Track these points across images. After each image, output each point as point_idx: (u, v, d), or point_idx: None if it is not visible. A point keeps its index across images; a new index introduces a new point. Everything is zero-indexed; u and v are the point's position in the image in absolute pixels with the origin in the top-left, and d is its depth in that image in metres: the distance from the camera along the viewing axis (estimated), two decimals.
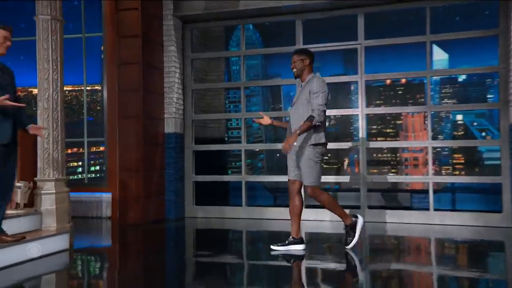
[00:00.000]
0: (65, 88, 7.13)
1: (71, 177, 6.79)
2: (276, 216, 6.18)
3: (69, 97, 6.94)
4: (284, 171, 4.44)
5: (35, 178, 4.36)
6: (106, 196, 6.24)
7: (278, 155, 8.15)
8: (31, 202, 4.35)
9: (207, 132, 7.82)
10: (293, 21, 6.21)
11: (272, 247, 4.20)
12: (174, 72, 6.31)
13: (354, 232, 4.14)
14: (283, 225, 5.51)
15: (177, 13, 6.32)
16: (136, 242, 5.36)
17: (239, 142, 8.78)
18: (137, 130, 5.75)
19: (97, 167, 6.67)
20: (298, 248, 4.16)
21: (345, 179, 6.59)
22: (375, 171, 8.93)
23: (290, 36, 6.30)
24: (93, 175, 6.65)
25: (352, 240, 4.14)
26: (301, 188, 4.17)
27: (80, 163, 6.68)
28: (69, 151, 6.79)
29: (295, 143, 3.85)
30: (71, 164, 6.80)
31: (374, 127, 9.11)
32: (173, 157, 6.24)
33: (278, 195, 8.13)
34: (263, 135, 8.77)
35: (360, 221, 4.16)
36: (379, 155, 9.12)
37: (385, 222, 5.75)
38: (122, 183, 5.80)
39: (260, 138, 8.86)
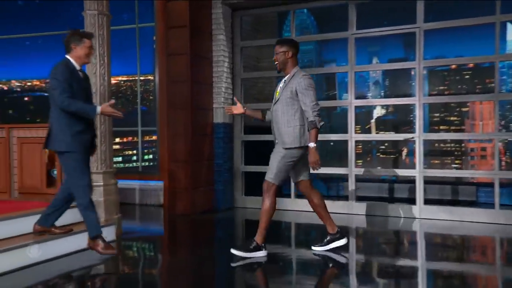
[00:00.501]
0: (120, 78, 7.36)
1: (126, 165, 7.00)
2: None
3: (124, 87, 7.06)
4: (336, 162, 4.21)
5: None
6: (159, 185, 6.33)
7: (332, 144, 7.71)
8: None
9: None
10: (345, 5, 5.81)
11: (313, 247, 3.97)
12: (222, 62, 6.18)
13: (252, 251, 3.70)
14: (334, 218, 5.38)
15: (226, 1, 6.15)
16: (184, 231, 5.38)
17: None
18: (186, 121, 5.71)
19: (150, 156, 6.77)
20: (342, 243, 3.91)
21: (402, 172, 6.13)
22: (436, 162, 8.33)
23: (345, 21, 5.92)
24: (147, 164, 6.76)
25: (243, 252, 3.71)
26: (311, 185, 3.93)
27: (134, 151, 6.80)
28: (125, 139, 6.97)
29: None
30: (127, 153, 6.96)
31: (437, 114, 8.44)
32: (221, 147, 6.16)
33: (332, 186, 7.84)
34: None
35: (262, 253, 3.73)
36: (441, 145, 8.44)
37: (442, 220, 5.33)
38: (171, 173, 5.82)
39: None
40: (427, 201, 5.59)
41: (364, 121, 8.71)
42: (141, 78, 6.83)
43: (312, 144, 3.55)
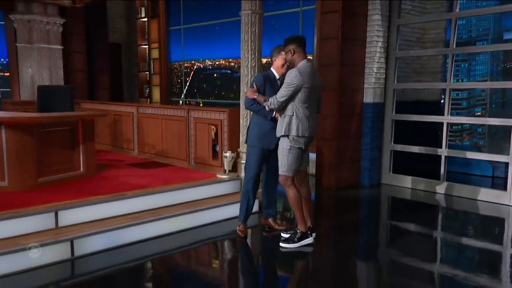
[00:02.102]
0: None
1: None
2: (474, 197, 5.48)
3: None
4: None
5: (237, 149, 5.01)
6: (312, 156, 6.69)
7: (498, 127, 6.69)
8: (235, 169, 5.05)
9: (421, 94, 7.21)
10: None
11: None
12: (376, 42, 6.00)
13: (298, 241, 3.75)
14: (490, 208, 5.19)
15: None
16: (326, 203, 5.71)
17: (459, 104, 7.74)
18: (333, 103, 5.81)
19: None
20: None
21: None
22: None
23: None
24: None
25: (290, 244, 3.77)
26: (305, 177, 3.94)
27: None
28: None
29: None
30: None
31: None
32: (369, 127, 6.11)
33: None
34: (487, 99, 7.32)
35: (309, 239, 3.81)
36: None
37: None
38: (319, 150, 6.09)
39: (483, 102, 7.46)
40: None
41: None
42: None
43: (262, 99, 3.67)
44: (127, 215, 3.97)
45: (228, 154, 4.93)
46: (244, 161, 4.80)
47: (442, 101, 7.32)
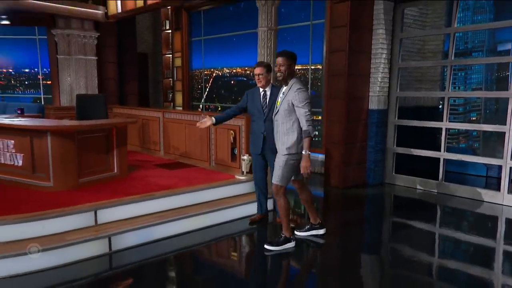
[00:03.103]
0: (296, 67, 7.80)
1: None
2: (470, 196, 5.44)
3: (298, 74, 7.47)
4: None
5: None
6: (321, 157, 6.71)
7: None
8: (251, 170, 5.05)
9: (420, 100, 7.15)
10: None
11: (296, 232, 3.98)
12: (380, 54, 5.97)
13: (281, 245, 3.66)
14: (478, 205, 5.15)
15: None
16: (334, 200, 5.71)
17: (456, 110, 7.65)
18: (341, 110, 5.82)
19: (316, 132, 7.10)
20: (320, 232, 4.01)
21: None
22: None
23: None
24: (314, 139, 7.13)
25: (273, 246, 3.65)
26: (303, 184, 3.88)
27: None
28: None
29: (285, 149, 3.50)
30: None
31: None
32: (374, 131, 6.09)
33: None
34: (481, 105, 7.22)
35: (291, 245, 3.71)
36: None
37: None
38: (327, 152, 6.10)
39: (479, 108, 7.36)
40: None
41: None
42: (312, 67, 7.16)
43: (305, 152, 3.40)
44: (156, 213, 4.04)
45: (245, 157, 4.95)
46: None
47: (440, 106, 7.28)
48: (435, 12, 6.92)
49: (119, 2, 8.28)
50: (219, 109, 9.47)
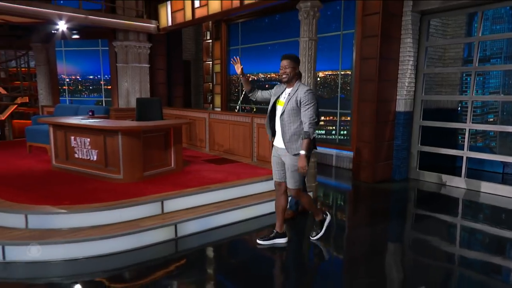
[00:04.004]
0: (326, 73, 7.70)
1: (327, 137, 7.48)
2: (493, 191, 5.23)
3: (329, 80, 7.36)
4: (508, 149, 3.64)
5: None
6: (350, 154, 6.64)
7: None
8: None
9: (440, 103, 6.91)
10: None
11: (257, 240, 3.55)
12: (407, 61, 5.81)
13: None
14: (500, 200, 4.96)
15: (415, 9, 5.67)
16: (365, 193, 5.63)
17: (474, 111, 7.36)
18: (371, 112, 5.72)
19: (345, 132, 7.02)
20: (281, 242, 3.54)
21: None
22: None
23: None
24: (342, 137, 7.08)
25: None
26: (286, 189, 3.43)
27: (334, 127, 7.19)
28: (327, 118, 7.41)
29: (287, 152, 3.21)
30: (328, 128, 7.41)
31: None
32: (400, 131, 5.96)
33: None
34: (499, 107, 6.92)
35: (328, 218, 3.68)
36: None
37: None
38: (358, 150, 6.00)
39: (496, 110, 7.06)
40: None
41: None
42: (342, 73, 7.04)
43: (302, 152, 3.11)
44: (212, 204, 4.09)
45: None
46: None
47: (459, 108, 7.02)
48: (455, 23, 6.67)
49: (169, 16, 8.38)
50: (254, 110, 9.47)
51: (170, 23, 8.38)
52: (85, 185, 4.26)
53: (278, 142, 3.33)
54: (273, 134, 3.41)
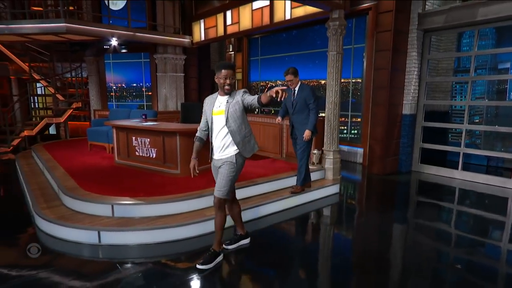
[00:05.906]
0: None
1: (340, 135, 7.39)
2: (486, 181, 5.17)
3: (342, 86, 7.28)
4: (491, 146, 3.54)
5: (322, 148, 4.95)
6: (360, 150, 6.57)
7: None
8: (320, 161, 4.99)
9: (435, 107, 6.82)
10: None
11: (224, 245, 3.02)
12: (413, 71, 5.72)
13: (212, 262, 2.71)
14: (492, 189, 4.86)
15: (420, 27, 5.55)
16: (379, 183, 5.57)
17: (462, 114, 7.28)
18: (383, 115, 5.64)
19: (355, 131, 6.95)
20: (246, 242, 3.14)
21: None
22: None
23: None
24: (353, 136, 7.00)
25: (205, 265, 2.67)
26: (233, 198, 2.95)
27: (345, 127, 7.11)
28: (341, 119, 7.30)
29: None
30: (341, 127, 7.33)
31: None
32: (406, 131, 5.89)
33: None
34: (484, 110, 6.83)
35: (220, 257, 2.78)
36: None
37: None
38: (371, 146, 5.93)
39: (481, 112, 6.97)
40: None
41: None
42: (352, 80, 6.93)
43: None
44: (259, 195, 4.04)
45: (315, 151, 4.89)
46: (328, 156, 4.77)
47: (450, 111, 6.94)
48: (448, 39, 6.55)
49: (202, 32, 8.24)
50: (272, 112, 9.36)
51: (203, 38, 8.25)
52: (150, 178, 4.20)
53: (217, 155, 2.73)
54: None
